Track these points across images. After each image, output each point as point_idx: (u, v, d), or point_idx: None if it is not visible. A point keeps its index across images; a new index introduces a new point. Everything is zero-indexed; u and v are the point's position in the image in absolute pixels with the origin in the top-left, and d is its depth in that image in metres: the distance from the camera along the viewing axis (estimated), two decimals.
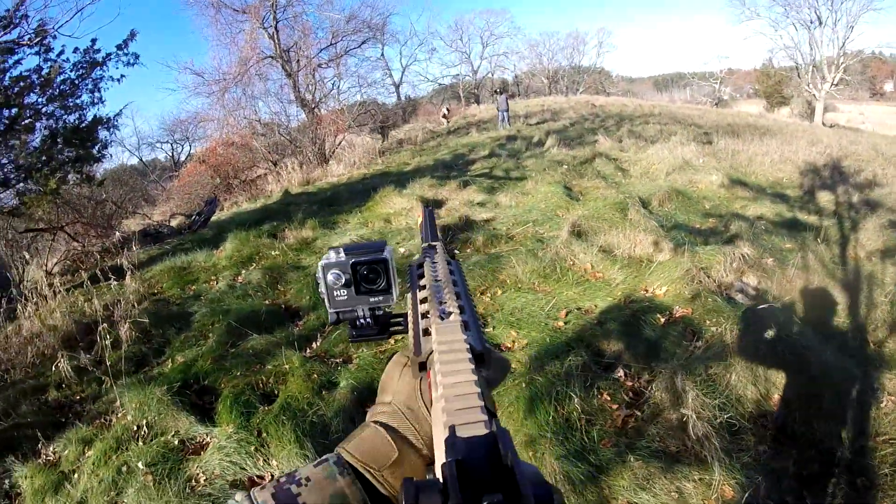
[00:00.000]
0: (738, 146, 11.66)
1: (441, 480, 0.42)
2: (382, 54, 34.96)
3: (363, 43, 23.93)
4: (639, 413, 3.42)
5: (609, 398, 3.54)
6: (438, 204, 8.50)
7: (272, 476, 3.25)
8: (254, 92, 20.05)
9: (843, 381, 3.55)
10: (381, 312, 0.90)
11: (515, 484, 0.39)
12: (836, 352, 3.96)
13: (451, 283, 0.78)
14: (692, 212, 7.35)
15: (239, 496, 0.64)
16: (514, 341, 4.33)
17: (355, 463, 0.69)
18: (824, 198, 8.21)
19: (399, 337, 0.93)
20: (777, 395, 3.49)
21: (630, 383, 3.71)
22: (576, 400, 3.38)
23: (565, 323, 4.51)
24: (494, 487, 0.40)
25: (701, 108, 33.60)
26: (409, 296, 0.82)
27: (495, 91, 22.71)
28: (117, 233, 9.92)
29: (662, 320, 4.38)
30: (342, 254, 0.86)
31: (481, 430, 0.48)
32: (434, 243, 0.98)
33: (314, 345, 4.75)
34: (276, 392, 4.05)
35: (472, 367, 0.58)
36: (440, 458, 0.49)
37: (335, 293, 0.87)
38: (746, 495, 2.74)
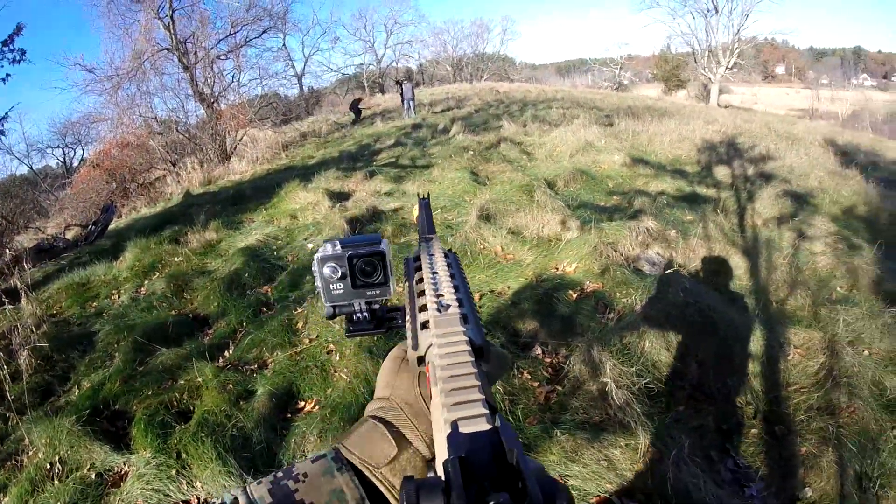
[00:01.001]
0: (639, 127, 11.95)
1: (443, 479, 0.41)
2: (284, 44, 34.09)
3: (264, 32, 23.21)
4: (560, 388, 3.43)
5: (529, 376, 3.54)
6: (345, 196, 8.30)
7: (198, 499, 3.06)
8: (149, 88, 18.97)
9: (751, 339, 3.71)
10: (377, 306, 0.89)
11: (521, 481, 0.38)
12: (743, 312, 4.12)
13: (448, 276, 0.76)
14: (597, 191, 7.49)
15: (235, 491, 0.63)
16: None
17: (353, 459, 0.67)
18: (721, 172, 8.55)
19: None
20: (690, 357, 3.56)
21: (549, 360, 3.73)
22: (497, 382, 3.33)
23: (479, 307, 4.45)
24: (499, 485, 0.39)
25: (602, 92, 34.51)
26: (406, 288, 0.82)
27: (398, 81, 22.48)
28: (8, 251, 9.12)
29: (574, 296, 4.40)
30: (338, 246, 0.84)
31: (483, 425, 0.47)
32: (430, 235, 0.96)
33: (227, 353, 4.49)
34: (191, 408, 3.79)
35: (472, 360, 0.57)
36: (441, 454, 0.49)
37: (331, 286, 0.85)
38: (673, 454, 2.76)
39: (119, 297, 6.04)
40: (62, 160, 34.68)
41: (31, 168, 33.01)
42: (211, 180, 13.26)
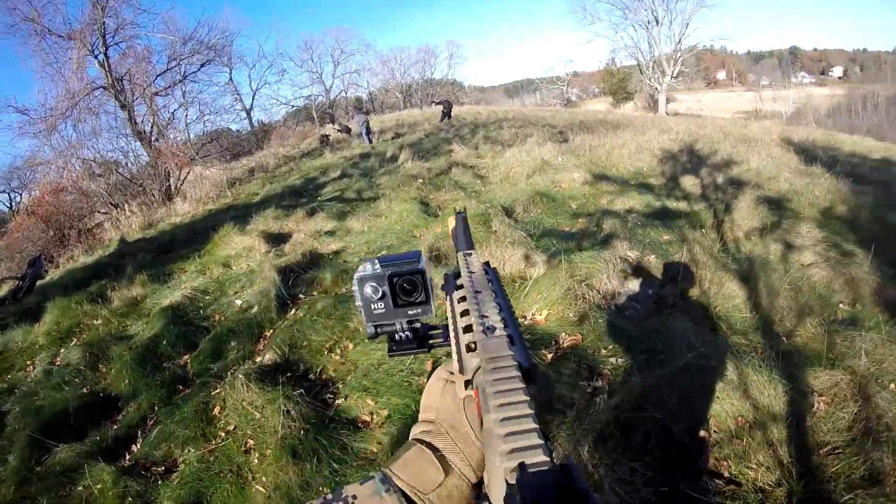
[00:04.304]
0: (595, 141, 11.52)
1: None
2: (231, 79, 33.39)
3: (203, 65, 22.77)
4: None
5: None
6: (283, 238, 7.50)
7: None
8: (86, 128, 18.18)
9: (772, 393, 3.00)
10: (419, 325, 0.85)
11: None
12: (753, 356, 3.39)
13: (491, 295, 0.73)
14: (560, 214, 6.80)
15: None
16: (371, 413, 3.43)
17: (401, 485, 0.66)
18: (688, 182, 8.04)
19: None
20: (701, 427, 2.84)
21: None
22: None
23: None
24: None
25: (552, 109, 34.54)
26: (447, 308, 0.80)
27: (355, 109, 22.00)
28: None
29: (549, 356, 3.59)
30: (378, 266, 0.82)
31: (540, 456, 0.45)
32: (469, 251, 0.93)
33: (134, 447, 3.74)
34: None
35: (523, 386, 0.54)
36: (495, 485, 0.47)
37: (372, 306, 0.82)
38: None
39: (34, 368, 5.29)
40: (9, 206, 33.08)
41: None
42: (152, 224, 12.40)
